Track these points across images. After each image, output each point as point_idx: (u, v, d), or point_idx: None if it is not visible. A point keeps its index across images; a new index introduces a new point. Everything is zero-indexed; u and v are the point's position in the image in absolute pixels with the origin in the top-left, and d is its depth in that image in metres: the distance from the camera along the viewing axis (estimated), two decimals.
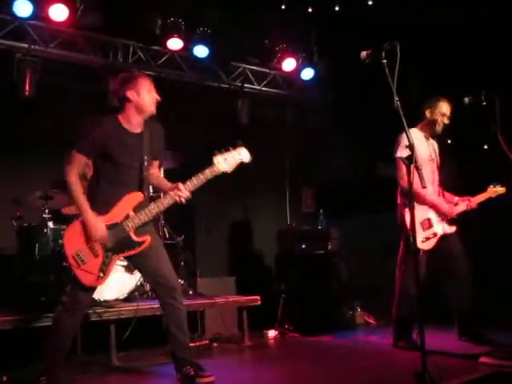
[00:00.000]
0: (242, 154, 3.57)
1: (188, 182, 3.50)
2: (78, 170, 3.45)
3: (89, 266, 3.40)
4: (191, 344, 4.21)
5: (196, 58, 6.24)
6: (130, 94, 3.48)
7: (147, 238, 3.52)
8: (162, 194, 4.00)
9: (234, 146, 3.56)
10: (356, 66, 3.65)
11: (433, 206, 4.36)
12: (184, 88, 6.47)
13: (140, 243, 3.50)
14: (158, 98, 3.57)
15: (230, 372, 4.03)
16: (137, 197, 3.53)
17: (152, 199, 3.63)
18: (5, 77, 5.38)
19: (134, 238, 3.49)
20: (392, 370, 3.74)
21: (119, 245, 3.46)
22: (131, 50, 6.07)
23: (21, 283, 4.64)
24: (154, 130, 3.65)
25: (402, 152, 4.07)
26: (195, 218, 6.36)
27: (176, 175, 3.83)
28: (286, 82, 7.17)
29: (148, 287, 5.05)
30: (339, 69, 6.81)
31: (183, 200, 3.50)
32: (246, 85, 6.81)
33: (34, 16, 5.27)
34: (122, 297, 4.64)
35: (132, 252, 3.50)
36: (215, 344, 4.93)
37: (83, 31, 5.71)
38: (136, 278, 4.67)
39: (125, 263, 4.55)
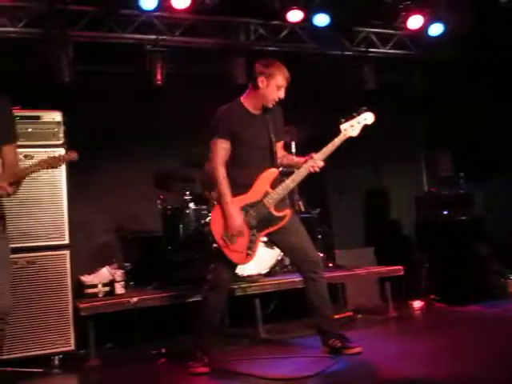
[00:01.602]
0: (367, 117, 3.67)
1: (319, 152, 3.59)
2: (221, 158, 3.58)
3: (237, 246, 3.53)
4: (335, 316, 4.22)
5: (317, 27, 6.10)
6: (260, 80, 3.56)
7: (287, 212, 3.61)
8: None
9: (358, 112, 3.68)
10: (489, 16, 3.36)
11: None
12: (307, 60, 6.38)
13: (282, 217, 3.60)
14: (282, 97, 3.62)
15: (376, 343, 3.98)
16: (272, 173, 3.63)
17: (284, 174, 3.70)
18: (138, 68, 5.67)
19: (275, 213, 3.59)
20: None
21: (262, 222, 3.57)
22: (252, 28, 6.07)
23: (169, 262, 4.93)
24: (275, 111, 3.72)
25: None
26: (329, 190, 6.30)
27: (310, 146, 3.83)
28: (413, 42, 6.78)
29: (288, 261, 5.12)
30: (469, 22, 6.31)
31: (317, 169, 3.60)
32: (370, 49, 6.55)
33: (158, 8, 5.45)
34: (263, 272, 4.75)
35: (275, 227, 3.60)
36: (359, 315, 4.87)
37: (204, 16, 5.82)
38: (276, 252, 4.74)
39: (265, 239, 4.64)
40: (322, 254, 5.22)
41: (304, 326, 4.50)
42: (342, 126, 3.62)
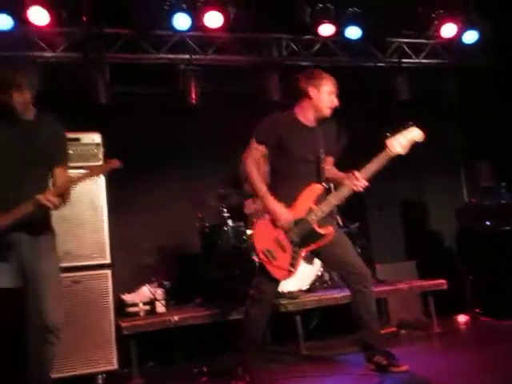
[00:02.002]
0: (415, 134, 3.49)
1: (363, 170, 3.47)
2: (255, 159, 3.56)
3: (279, 261, 3.49)
4: None
5: (349, 40, 6.08)
6: (311, 90, 3.56)
7: (330, 229, 3.53)
8: (332, 186, 4.02)
9: (405, 126, 3.50)
10: None
11: None
12: (339, 73, 6.35)
13: (325, 235, 3.52)
14: (336, 103, 3.60)
15: (422, 360, 3.87)
16: (316, 189, 3.56)
17: (328, 191, 3.65)
18: (172, 88, 5.74)
19: (319, 230, 3.51)
20: None
21: (305, 238, 3.51)
22: (284, 44, 6.09)
23: (208, 280, 4.93)
24: (327, 126, 3.68)
25: None
26: (367, 204, 6.22)
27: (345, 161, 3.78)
28: (447, 50, 6.70)
29: (327, 277, 5.07)
30: (503, 29, 6.21)
31: (360, 189, 3.48)
32: (403, 59, 6.49)
33: (191, 27, 5.51)
34: (304, 288, 4.70)
35: (318, 244, 3.53)
36: (403, 331, 4.76)
37: (236, 33, 5.86)
38: (316, 268, 4.69)
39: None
40: None
41: (347, 342, 4.43)
42: (388, 142, 3.45)
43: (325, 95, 3.55)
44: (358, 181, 3.45)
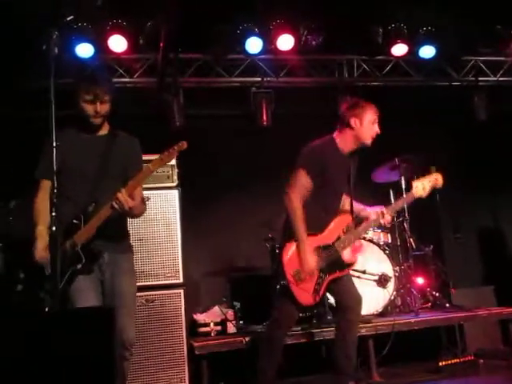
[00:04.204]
0: (437, 181, 3.64)
1: (390, 207, 3.65)
2: (301, 192, 3.51)
3: (305, 285, 3.45)
4: (455, 360, 4.00)
5: (422, 59, 5.97)
6: (353, 121, 3.55)
7: (355, 259, 3.60)
8: None
9: (430, 172, 3.69)
10: None
11: None
12: (411, 93, 6.26)
13: (349, 264, 3.57)
14: (378, 131, 3.60)
15: None
16: (346, 219, 3.60)
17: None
18: (243, 110, 5.84)
19: (345, 258, 3.54)
20: None
21: (331, 265, 3.51)
22: (355, 64, 6.07)
23: None
24: (354, 159, 3.69)
25: None
26: (442, 226, 6.03)
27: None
28: None
29: (400, 301, 4.93)
30: None
31: (387, 223, 3.64)
32: (480, 78, 6.30)
33: (263, 50, 5.59)
34: (376, 312, 4.59)
35: (342, 273, 3.54)
36: (481, 360, 4.53)
37: (307, 55, 5.89)
38: (389, 292, 4.58)
39: (376, 278, 4.51)
40: (437, 294, 5.00)
41: (422, 369, 4.28)
42: (414, 183, 3.62)
43: (367, 126, 3.54)
44: (385, 216, 3.57)
